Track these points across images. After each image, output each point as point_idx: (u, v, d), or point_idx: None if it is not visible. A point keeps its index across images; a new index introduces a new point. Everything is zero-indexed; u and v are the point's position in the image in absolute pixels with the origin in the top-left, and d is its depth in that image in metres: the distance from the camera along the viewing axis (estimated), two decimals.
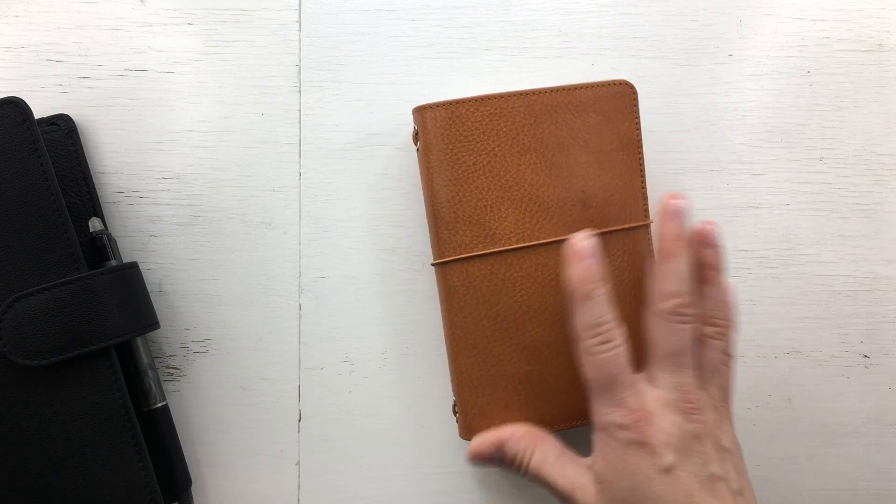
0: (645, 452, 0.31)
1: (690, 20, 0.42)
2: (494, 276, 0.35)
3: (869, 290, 0.42)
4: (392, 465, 0.41)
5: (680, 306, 0.32)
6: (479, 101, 0.36)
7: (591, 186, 0.36)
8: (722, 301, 0.35)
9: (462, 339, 0.36)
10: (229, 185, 0.40)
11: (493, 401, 0.36)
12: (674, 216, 0.34)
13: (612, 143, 0.37)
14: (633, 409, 0.31)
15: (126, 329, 0.35)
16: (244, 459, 0.40)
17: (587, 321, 0.32)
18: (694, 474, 0.31)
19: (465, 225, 0.36)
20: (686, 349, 0.33)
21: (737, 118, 0.42)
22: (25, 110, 0.35)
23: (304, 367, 0.40)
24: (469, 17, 0.41)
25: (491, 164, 0.36)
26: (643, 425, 0.31)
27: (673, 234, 0.33)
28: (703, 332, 0.34)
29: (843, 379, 0.42)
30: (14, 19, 0.40)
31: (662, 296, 0.33)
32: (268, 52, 0.41)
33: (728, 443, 0.33)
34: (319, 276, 0.41)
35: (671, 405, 0.32)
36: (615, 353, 0.32)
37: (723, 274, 0.35)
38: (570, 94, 0.37)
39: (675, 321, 0.32)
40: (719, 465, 0.32)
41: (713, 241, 0.34)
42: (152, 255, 0.40)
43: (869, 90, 0.42)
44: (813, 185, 0.42)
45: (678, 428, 0.31)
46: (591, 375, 0.33)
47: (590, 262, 0.32)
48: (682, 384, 0.32)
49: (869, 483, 0.42)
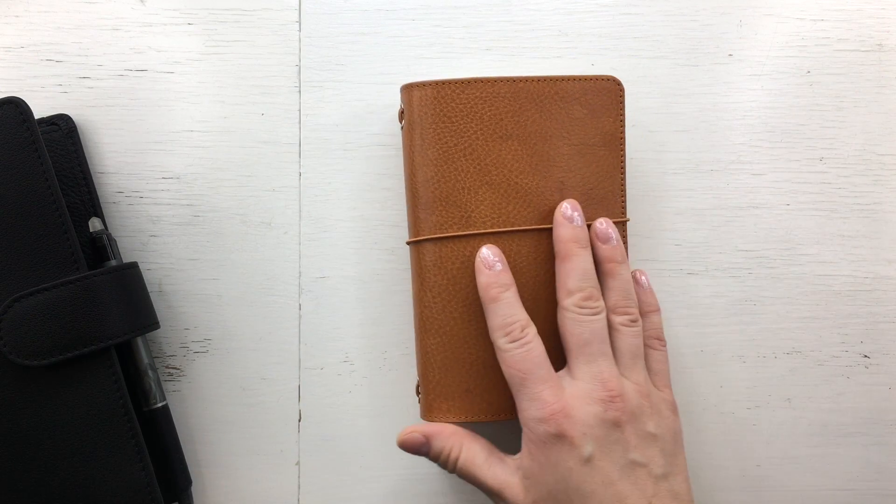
0: (564, 444, 0.32)
1: (690, 20, 0.42)
2: (467, 259, 0.36)
3: (869, 290, 0.42)
4: (392, 466, 0.41)
5: (583, 299, 0.34)
6: (466, 83, 0.36)
7: (570, 178, 0.37)
8: (627, 290, 0.36)
9: (430, 318, 0.36)
10: (229, 185, 0.40)
11: (455, 383, 0.36)
12: (565, 221, 0.35)
13: (596, 137, 0.37)
14: (549, 403, 0.32)
15: (126, 329, 0.35)
16: (244, 459, 0.40)
17: (497, 322, 0.34)
18: (614, 462, 0.32)
19: (442, 205, 0.36)
20: (596, 339, 0.34)
21: (737, 118, 0.42)
22: (25, 110, 0.35)
23: (304, 367, 0.40)
24: (469, 17, 0.41)
25: (473, 147, 0.36)
26: (560, 417, 0.32)
27: (566, 237, 0.35)
28: (613, 322, 0.35)
29: (843, 379, 0.42)
30: (14, 19, 0.40)
31: (565, 293, 0.34)
32: (268, 52, 0.41)
33: (654, 428, 0.33)
34: (319, 276, 0.41)
35: (590, 396, 0.33)
36: (526, 350, 0.33)
37: (624, 265, 0.36)
38: (557, 85, 0.37)
39: (581, 314, 0.34)
40: (640, 452, 0.32)
41: (606, 237, 0.36)
42: (152, 255, 0.40)
43: (869, 90, 0.42)
44: (813, 185, 0.42)
45: (596, 418, 0.32)
46: (507, 373, 0.34)
47: (495, 269, 0.35)
48: (599, 373, 0.33)
49: (869, 483, 0.42)
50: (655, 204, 0.42)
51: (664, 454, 0.33)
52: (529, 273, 0.36)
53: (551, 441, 0.32)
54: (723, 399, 0.42)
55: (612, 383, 0.33)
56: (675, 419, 0.35)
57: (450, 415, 0.36)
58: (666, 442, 0.34)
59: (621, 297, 0.35)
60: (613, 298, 0.35)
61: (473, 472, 0.34)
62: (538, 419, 0.32)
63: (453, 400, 0.36)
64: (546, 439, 0.32)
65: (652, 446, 0.33)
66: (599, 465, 0.32)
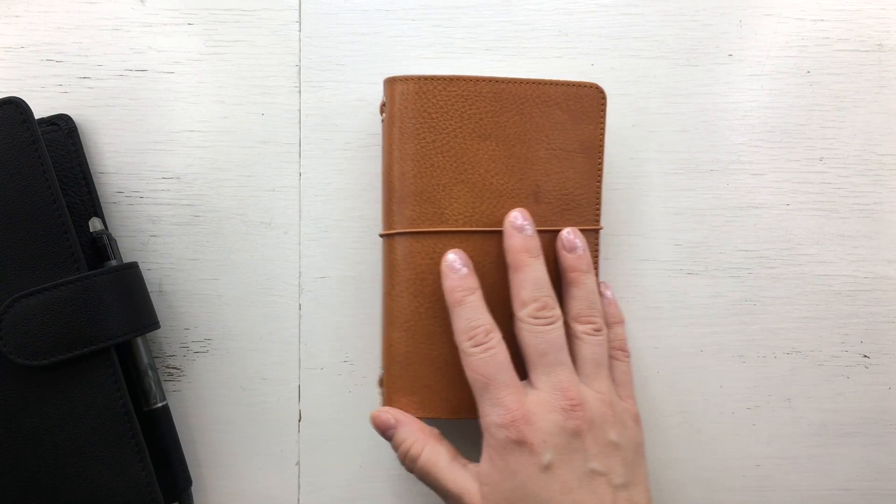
0: (524, 451, 0.32)
1: (690, 20, 0.42)
2: (437, 255, 0.35)
3: (869, 290, 0.42)
4: (392, 465, 0.41)
5: (537, 310, 0.34)
6: (448, 80, 0.36)
7: (545, 182, 0.37)
8: (591, 299, 0.36)
9: (397, 312, 0.36)
10: (229, 185, 0.40)
11: (418, 378, 0.36)
12: (515, 231, 0.35)
13: (575, 143, 0.37)
14: (510, 409, 0.32)
15: (126, 329, 0.35)
16: (244, 459, 0.40)
17: (461, 326, 0.34)
18: (573, 471, 0.32)
19: (416, 200, 0.36)
20: (554, 349, 0.33)
21: (737, 118, 0.42)
22: (26, 110, 0.35)
23: (304, 367, 0.40)
24: (469, 17, 0.41)
25: (451, 145, 0.36)
26: (521, 424, 0.32)
27: (517, 247, 0.35)
28: (575, 331, 0.35)
29: (843, 379, 0.42)
30: (14, 19, 0.40)
31: (520, 303, 0.34)
32: (268, 52, 0.41)
33: (616, 437, 0.33)
34: (319, 276, 0.41)
35: (550, 404, 0.32)
36: (490, 355, 0.33)
37: (587, 275, 0.36)
38: (539, 89, 0.37)
39: (537, 324, 0.34)
40: (600, 461, 0.32)
41: (572, 246, 0.36)
42: (152, 255, 0.40)
43: (869, 90, 0.42)
44: (813, 184, 0.42)
45: (557, 426, 0.32)
46: (470, 377, 0.33)
47: (459, 273, 0.34)
48: (559, 383, 0.33)
49: (869, 483, 0.42)
50: (655, 204, 0.42)
51: (625, 464, 0.33)
52: (498, 274, 0.36)
53: (511, 447, 0.32)
54: (723, 399, 0.42)
55: (571, 392, 0.33)
56: (637, 430, 0.35)
57: (409, 409, 0.36)
58: (627, 452, 0.34)
59: (585, 306, 0.35)
60: (577, 307, 0.35)
61: (434, 474, 0.34)
62: (499, 425, 0.32)
63: (414, 395, 0.36)
64: (506, 445, 0.32)
65: (613, 456, 0.33)
66: (558, 473, 0.32)
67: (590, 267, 0.36)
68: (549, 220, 0.37)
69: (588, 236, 0.37)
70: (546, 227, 0.36)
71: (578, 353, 0.35)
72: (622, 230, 0.42)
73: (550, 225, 0.37)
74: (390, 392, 0.36)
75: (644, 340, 0.42)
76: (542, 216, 0.37)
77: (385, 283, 0.37)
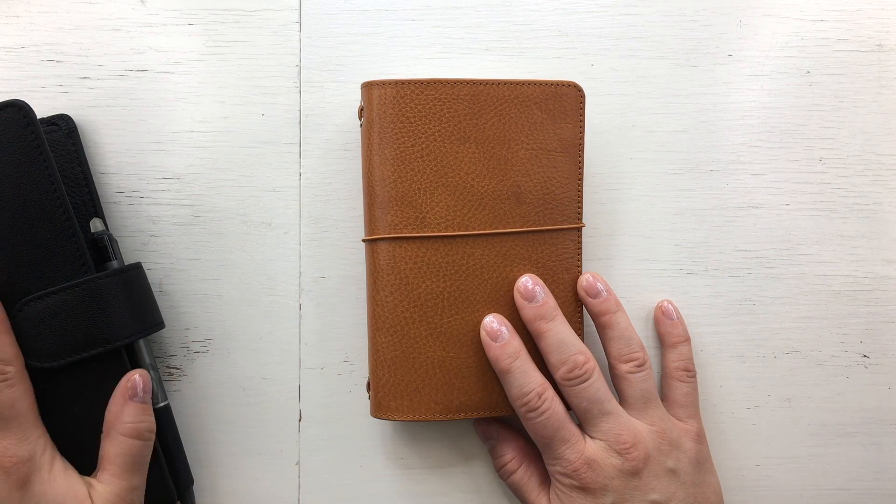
0: (588, 496, 0.35)
1: (690, 20, 0.42)
2: (420, 260, 0.36)
3: (868, 290, 0.42)
4: (392, 465, 0.41)
5: (568, 372, 0.35)
6: (425, 84, 0.36)
7: (526, 183, 0.37)
8: (627, 336, 0.37)
9: (382, 317, 0.36)
10: (229, 185, 0.40)
11: (405, 381, 0.36)
12: (525, 303, 0.36)
13: (554, 143, 0.37)
14: (571, 461, 0.35)
15: (134, 329, 0.36)
16: (244, 459, 0.40)
17: (514, 393, 0.36)
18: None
19: (398, 205, 0.36)
20: (596, 403, 0.35)
21: (736, 118, 0.42)
22: (29, 113, 0.34)
23: (304, 367, 0.41)
24: (469, 18, 0.41)
25: (430, 149, 0.36)
26: (582, 473, 0.34)
27: (531, 317, 0.36)
28: (619, 371, 0.37)
29: (843, 379, 0.42)
30: (14, 19, 0.40)
31: (552, 368, 0.36)
32: (268, 52, 0.41)
33: (674, 463, 0.36)
34: (319, 276, 0.41)
35: (606, 451, 0.35)
36: (545, 417, 0.35)
37: (618, 314, 0.37)
38: (517, 89, 0.37)
39: (573, 384, 0.35)
40: (660, 492, 0.35)
41: (594, 291, 0.37)
42: (153, 255, 0.40)
43: (868, 90, 0.42)
44: (812, 185, 0.42)
45: (615, 469, 0.35)
46: (532, 437, 0.36)
47: (501, 339, 0.36)
48: (610, 430, 0.35)
49: (868, 483, 0.42)
50: (655, 204, 0.42)
51: (684, 486, 0.36)
52: (482, 276, 0.36)
53: (575, 493, 0.35)
54: (722, 399, 0.42)
55: (624, 436, 0.35)
56: (698, 448, 0.37)
57: (399, 413, 0.36)
58: (686, 474, 0.36)
59: (623, 345, 0.37)
60: (616, 348, 0.37)
61: (524, 493, 0.37)
62: (563, 474, 0.35)
63: (402, 399, 0.36)
64: (570, 492, 0.35)
65: (672, 482, 0.35)
66: None
67: (618, 306, 0.37)
68: (531, 220, 0.37)
69: (571, 234, 0.38)
70: (529, 228, 0.37)
71: (625, 392, 0.37)
72: (622, 230, 0.42)
73: (533, 225, 0.37)
74: (378, 397, 0.37)
75: (644, 341, 0.41)
76: (524, 216, 0.37)
77: (369, 288, 0.37)
